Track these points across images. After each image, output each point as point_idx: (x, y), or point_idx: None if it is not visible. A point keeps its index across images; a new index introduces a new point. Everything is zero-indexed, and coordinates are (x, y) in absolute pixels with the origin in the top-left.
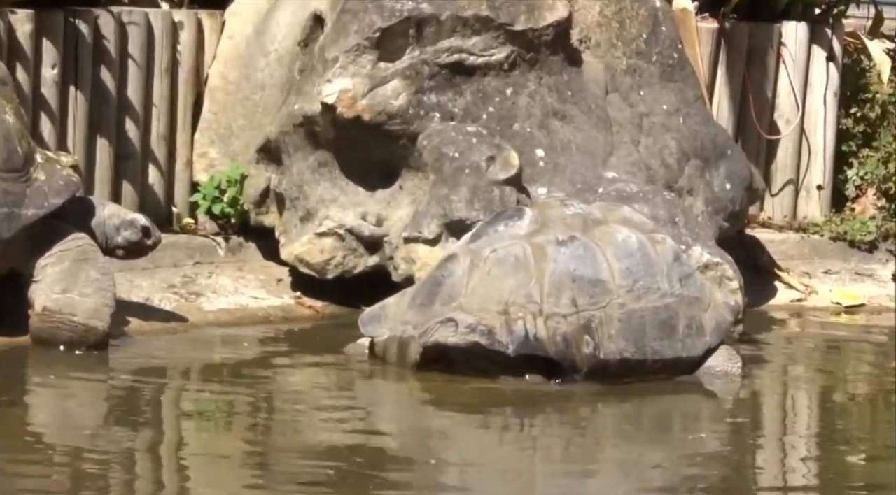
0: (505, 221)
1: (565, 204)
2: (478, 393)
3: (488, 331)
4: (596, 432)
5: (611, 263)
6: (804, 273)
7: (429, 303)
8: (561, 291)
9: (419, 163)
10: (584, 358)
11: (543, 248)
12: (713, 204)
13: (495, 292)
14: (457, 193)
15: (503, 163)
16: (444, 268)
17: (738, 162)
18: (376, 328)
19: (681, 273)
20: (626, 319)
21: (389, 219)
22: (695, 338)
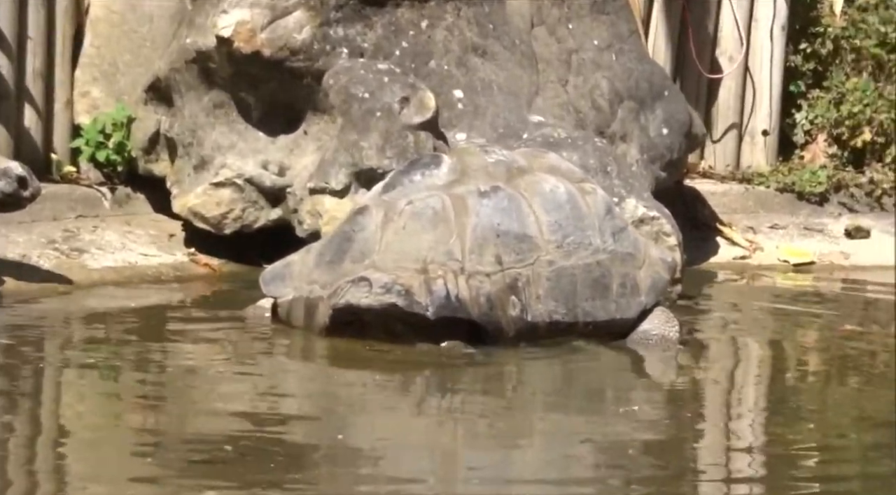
0: (421, 170)
1: (486, 150)
2: (393, 361)
3: (405, 291)
4: (521, 403)
5: (538, 216)
6: (748, 228)
7: (338, 261)
8: (484, 248)
9: (325, 106)
10: (510, 320)
11: (464, 200)
12: (649, 151)
13: (412, 248)
14: (367, 139)
15: (418, 105)
16: (354, 222)
17: (676, 104)
18: (279, 288)
19: (613, 227)
20: (555, 278)
21: (293, 167)
22: (629, 297)
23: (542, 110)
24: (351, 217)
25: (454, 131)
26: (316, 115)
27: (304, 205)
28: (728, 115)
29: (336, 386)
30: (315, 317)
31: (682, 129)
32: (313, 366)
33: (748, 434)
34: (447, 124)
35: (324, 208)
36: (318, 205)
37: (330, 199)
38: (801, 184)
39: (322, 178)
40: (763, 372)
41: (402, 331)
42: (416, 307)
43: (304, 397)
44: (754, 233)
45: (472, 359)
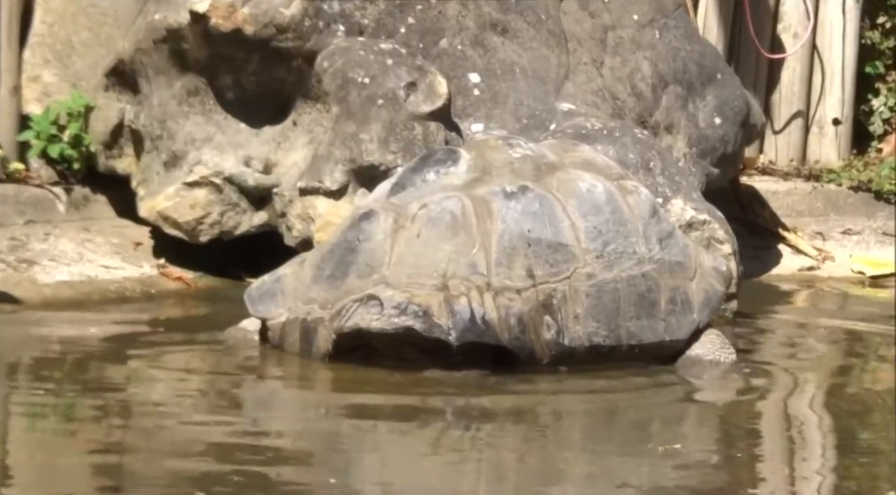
0: (435, 167)
1: (510, 143)
2: (404, 389)
3: (423, 312)
4: (553, 441)
5: (574, 221)
6: (816, 233)
7: (341, 276)
8: (513, 259)
9: (318, 92)
10: (544, 345)
11: (487, 203)
12: (698, 144)
13: (429, 261)
14: (367, 131)
15: (427, 91)
16: (358, 230)
17: (730, 89)
18: (270, 308)
19: (660, 231)
20: (595, 294)
21: (280, 164)
22: (680, 315)
23: (573, 97)
24: (354, 223)
25: (469, 121)
26: (307, 103)
27: (293, 207)
28: (792, 102)
29: (335, 421)
30: (315, 342)
31: (738, 118)
32: (308, 396)
33: (813, 478)
34: (461, 113)
35: (317, 212)
36: (311, 207)
37: (324, 201)
38: (878, 181)
39: (315, 177)
40: (832, 404)
41: (416, 357)
42: (437, 331)
43: (295, 433)
44: (823, 239)
45: (498, 388)
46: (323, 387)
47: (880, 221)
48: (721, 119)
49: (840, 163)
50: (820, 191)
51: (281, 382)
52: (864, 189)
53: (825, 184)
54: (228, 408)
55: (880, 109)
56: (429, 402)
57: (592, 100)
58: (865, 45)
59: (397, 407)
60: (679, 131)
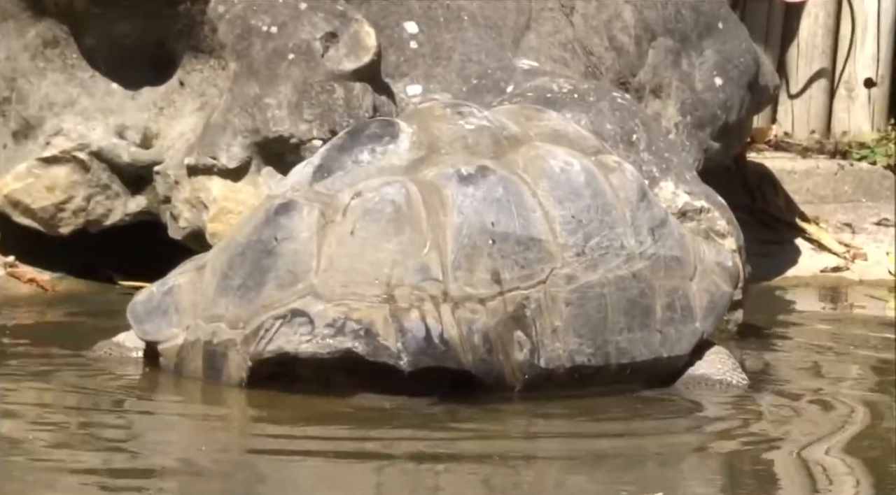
0: (369, 145)
1: (460, 111)
2: (333, 423)
3: (365, 330)
4: (510, 488)
5: (548, 210)
6: (844, 225)
7: (255, 286)
8: (474, 260)
9: (212, 45)
10: (515, 367)
11: (439, 190)
12: (694, 111)
13: (368, 265)
14: (274, 94)
15: (350, 43)
16: (275, 226)
17: (735, 42)
18: (161, 328)
19: (651, 219)
20: (577, 301)
21: (164, 135)
22: (679, 324)
23: (536, 51)
24: (269, 218)
25: (404, 82)
26: (198, 58)
27: (180, 190)
28: (814, 58)
29: (236, 460)
30: (224, 369)
31: (744, 79)
32: (204, 429)
33: None
34: (394, 72)
35: (210, 196)
36: (202, 190)
37: (219, 182)
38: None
39: (207, 151)
40: (864, 445)
41: (344, 381)
42: (384, 354)
43: (190, 474)
44: (853, 232)
45: (450, 424)
46: (223, 420)
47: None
48: (723, 79)
49: (874, 135)
50: (848, 172)
51: (168, 409)
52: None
53: (855, 163)
54: (95, 443)
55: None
56: (363, 446)
57: (560, 55)
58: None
59: (316, 448)
60: (670, 95)
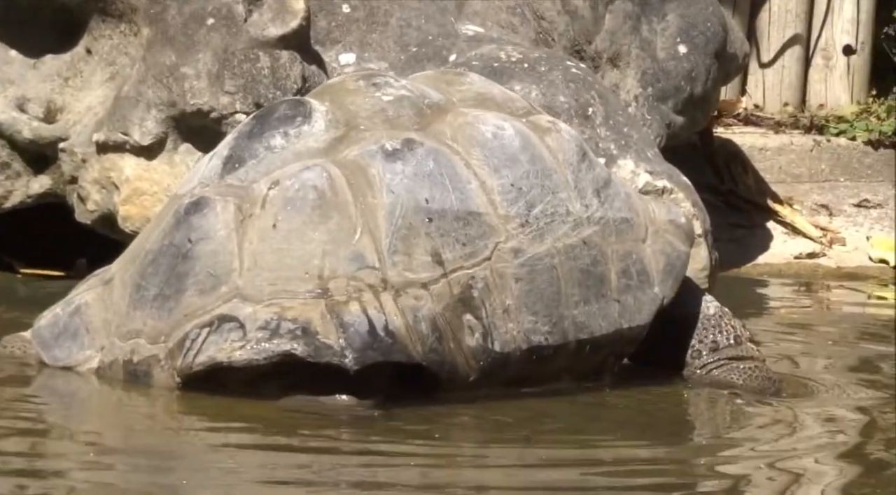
0: (281, 128)
1: (374, 83)
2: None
3: (302, 329)
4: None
5: (484, 180)
6: (820, 206)
7: (174, 294)
8: (411, 242)
9: (122, 7)
10: (468, 354)
11: (364, 169)
12: (656, 82)
13: (296, 258)
14: (192, 63)
15: (276, 6)
16: (188, 227)
17: (699, 5)
18: (72, 352)
19: (595, 180)
20: (527, 276)
21: (69, 108)
22: (637, 291)
23: (481, 16)
24: (180, 219)
25: (336, 50)
26: (107, 22)
27: (88, 170)
28: (787, 23)
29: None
30: (150, 386)
31: (711, 46)
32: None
33: None
34: (325, 39)
35: (122, 175)
36: (113, 170)
37: (132, 161)
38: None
39: (118, 126)
40: (850, 458)
41: (273, 383)
42: (326, 354)
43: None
44: (830, 214)
45: (399, 426)
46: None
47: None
48: (687, 47)
49: (853, 108)
50: (825, 148)
51: (72, 401)
52: (888, 144)
53: (832, 138)
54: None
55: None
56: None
57: (508, 20)
58: None
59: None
60: (629, 64)
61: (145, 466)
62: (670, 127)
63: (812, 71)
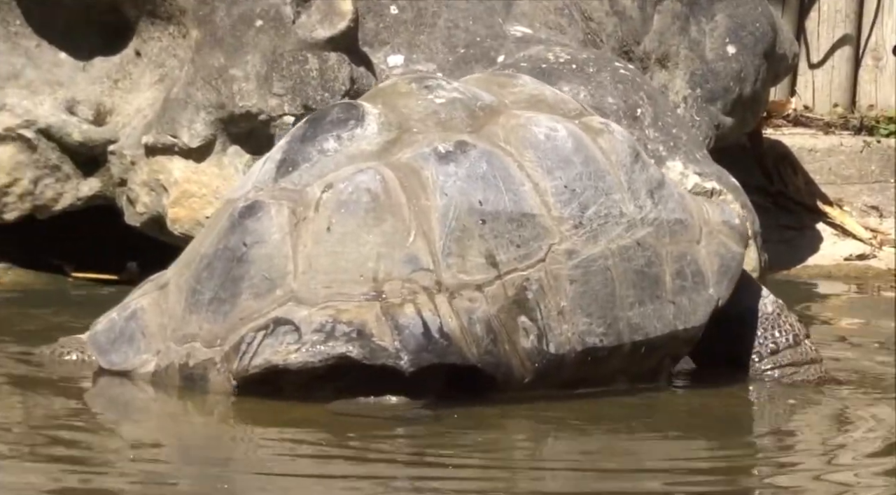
0: (334, 131)
1: (427, 85)
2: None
3: (358, 332)
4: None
5: (537, 182)
6: (871, 208)
7: (230, 298)
8: (465, 244)
9: (171, 9)
10: (523, 356)
11: (417, 172)
12: (705, 83)
13: (350, 261)
14: (241, 64)
15: (324, 8)
16: (243, 231)
17: (748, 5)
18: (128, 356)
19: (648, 181)
20: (581, 278)
21: (119, 111)
22: (692, 292)
23: (529, 17)
24: (234, 223)
25: (385, 51)
26: (156, 24)
27: (137, 172)
28: (836, 23)
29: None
30: (206, 389)
31: (760, 47)
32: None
33: None
34: (373, 40)
35: (171, 178)
36: (162, 172)
37: (181, 163)
38: None
39: (167, 129)
40: None
41: (331, 390)
42: (381, 356)
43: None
44: (881, 216)
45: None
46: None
47: None
48: (736, 47)
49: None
50: (875, 149)
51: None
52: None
53: (883, 139)
54: (47, 459)
55: None
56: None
57: (556, 21)
58: None
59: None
60: (678, 65)
61: (201, 474)
62: (719, 128)
63: (862, 71)
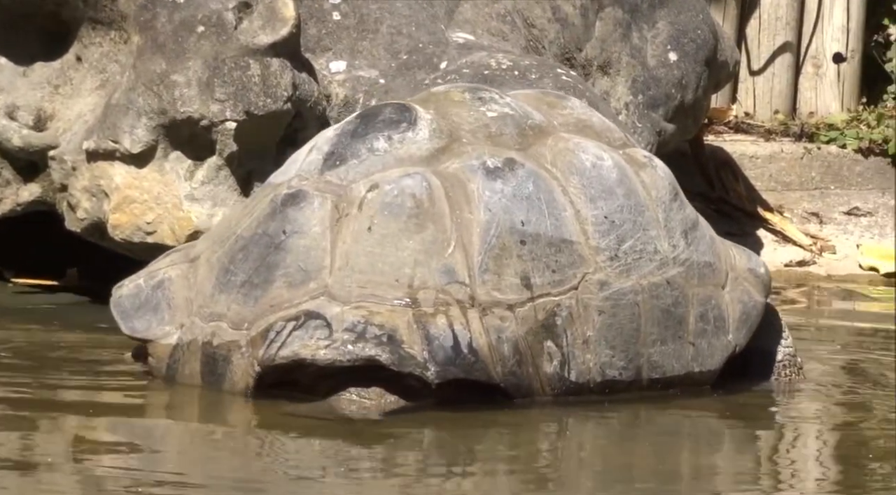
0: (385, 131)
1: (480, 97)
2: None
3: (388, 336)
4: None
5: (579, 209)
6: (811, 214)
7: (262, 283)
8: (503, 262)
9: (112, 14)
10: (545, 381)
11: (463, 184)
12: (646, 89)
13: (388, 264)
14: (183, 70)
15: (267, 14)
16: (283, 218)
17: (690, 12)
18: (151, 325)
19: (684, 221)
20: (610, 310)
21: (59, 116)
22: (712, 337)
23: (471, 23)
24: (275, 209)
25: (327, 57)
26: (97, 29)
27: (78, 178)
28: (777, 30)
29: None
30: (227, 375)
31: (701, 54)
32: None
33: None
34: (315, 46)
35: (112, 183)
36: (103, 177)
37: (122, 169)
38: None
39: (108, 134)
40: (838, 469)
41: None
42: (409, 364)
43: None
44: (821, 222)
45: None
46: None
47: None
48: (677, 54)
49: (844, 115)
50: (816, 156)
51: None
52: (878, 152)
53: (823, 146)
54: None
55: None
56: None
57: (498, 27)
58: None
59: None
60: (619, 71)
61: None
62: (661, 134)
63: (802, 78)
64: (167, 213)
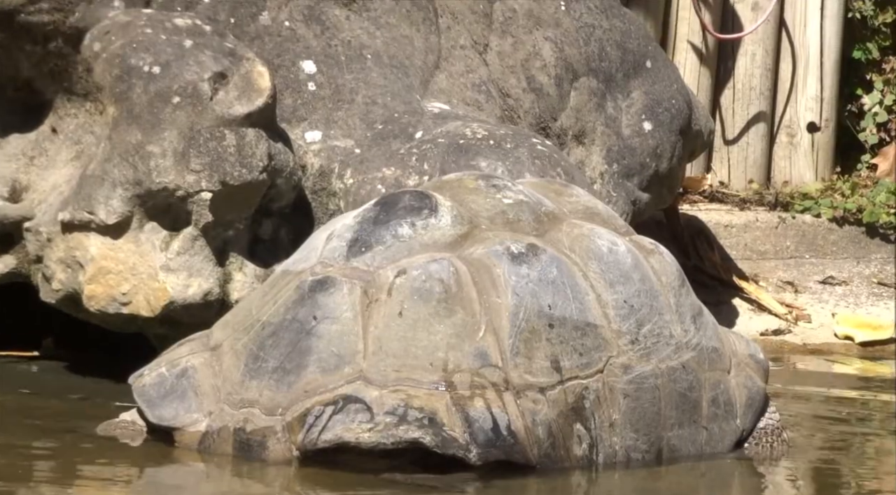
0: (409, 218)
1: (494, 184)
2: None
3: (429, 419)
4: None
5: (600, 293)
6: (786, 283)
7: (295, 369)
8: (533, 346)
9: (88, 86)
10: (574, 463)
11: (489, 269)
12: (621, 159)
13: (421, 348)
14: (158, 141)
15: (242, 85)
16: (312, 304)
17: (665, 82)
18: (179, 413)
19: (692, 307)
20: (634, 393)
21: (34, 188)
22: (722, 421)
23: (447, 93)
24: (304, 296)
25: (302, 128)
26: (72, 101)
27: (53, 249)
28: (752, 100)
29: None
30: (262, 459)
31: (676, 123)
32: None
33: None
34: (290, 116)
35: (87, 255)
36: (78, 249)
37: (97, 240)
38: (872, 211)
39: (84, 205)
40: None
41: (366, 462)
42: (451, 446)
43: None
44: (796, 291)
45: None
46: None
47: (874, 266)
48: (652, 124)
49: (818, 185)
50: (790, 225)
51: None
52: (852, 221)
53: (797, 215)
54: None
55: (874, 110)
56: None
57: (473, 97)
58: (853, 21)
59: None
60: (594, 141)
61: None
62: (636, 204)
63: (777, 148)
64: (142, 284)
